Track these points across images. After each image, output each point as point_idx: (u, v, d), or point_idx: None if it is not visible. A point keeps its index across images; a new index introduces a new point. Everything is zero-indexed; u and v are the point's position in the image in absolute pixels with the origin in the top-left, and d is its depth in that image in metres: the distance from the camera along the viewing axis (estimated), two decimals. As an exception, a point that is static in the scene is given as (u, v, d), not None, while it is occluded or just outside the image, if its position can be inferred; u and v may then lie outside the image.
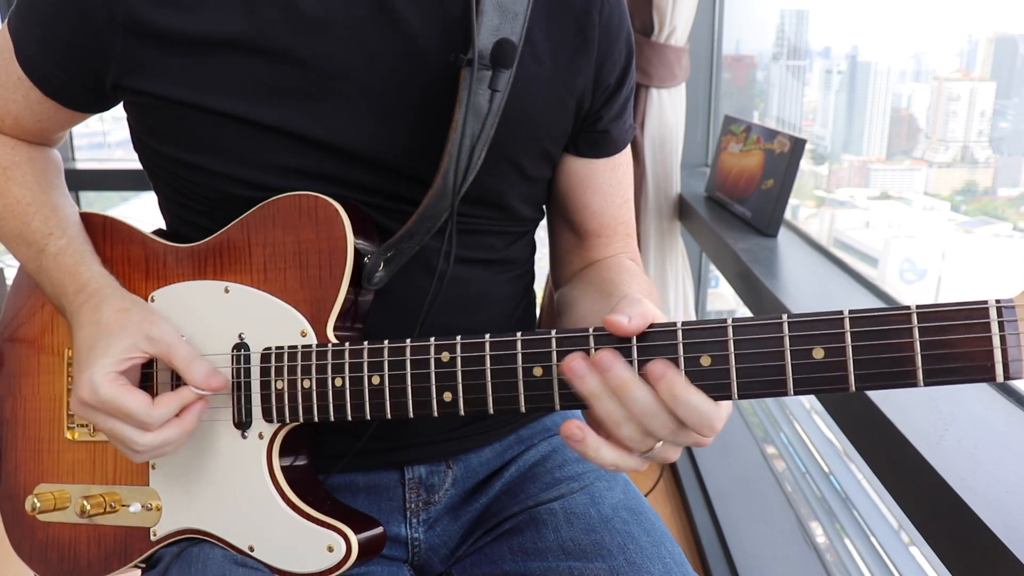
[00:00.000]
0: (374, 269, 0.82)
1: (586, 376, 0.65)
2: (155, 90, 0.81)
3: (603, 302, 0.89)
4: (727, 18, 2.34)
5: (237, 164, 0.83)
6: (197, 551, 0.84)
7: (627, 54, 0.94)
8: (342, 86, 0.81)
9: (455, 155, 0.80)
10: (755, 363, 0.62)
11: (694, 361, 0.63)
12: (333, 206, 0.81)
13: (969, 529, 0.72)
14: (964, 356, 0.57)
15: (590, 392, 0.65)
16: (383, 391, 0.75)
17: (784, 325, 0.61)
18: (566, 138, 0.94)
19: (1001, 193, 1.86)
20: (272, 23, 0.80)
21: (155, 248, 0.89)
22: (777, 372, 0.61)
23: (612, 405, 0.65)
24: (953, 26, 1.88)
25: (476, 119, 0.80)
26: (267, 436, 0.82)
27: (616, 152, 1.00)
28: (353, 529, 0.80)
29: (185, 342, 0.82)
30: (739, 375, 0.62)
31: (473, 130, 0.80)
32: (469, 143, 0.80)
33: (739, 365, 0.62)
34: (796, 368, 0.61)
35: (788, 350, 0.61)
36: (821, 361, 0.60)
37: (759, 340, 0.62)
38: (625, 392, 0.64)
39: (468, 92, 0.79)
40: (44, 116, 0.91)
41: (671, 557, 0.87)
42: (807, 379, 0.61)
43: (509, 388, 0.70)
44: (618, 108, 0.96)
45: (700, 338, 0.63)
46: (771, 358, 0.62)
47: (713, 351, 0.63)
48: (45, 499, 0.90)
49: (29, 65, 0.86)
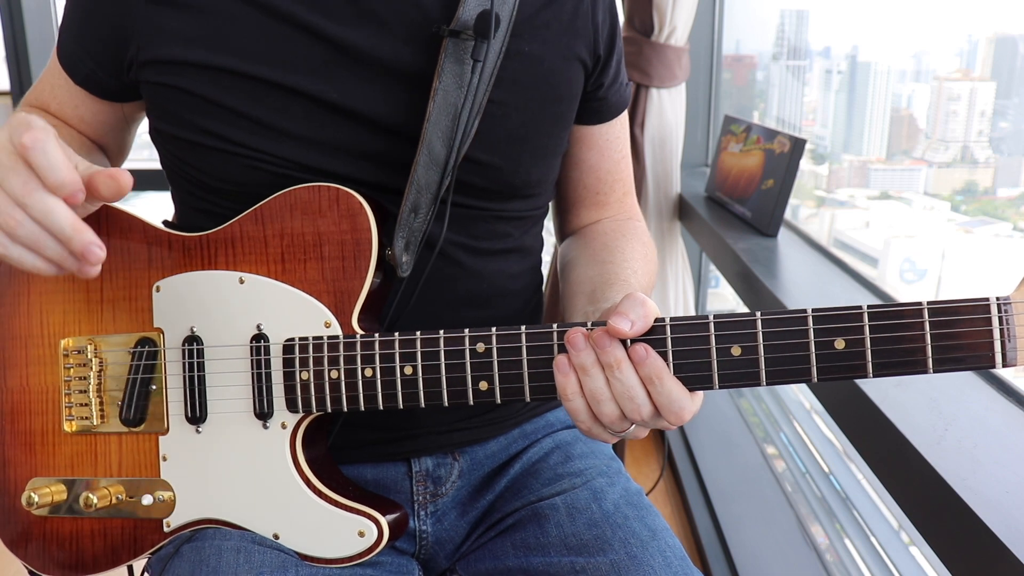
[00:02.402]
0: (400, 255, 0.84)
1: (583, 350, 0.70)
2: (172, 55, 0.84)
3: (598, 267, 0.94)
4: (727, 18, 2.34)
5: (249, 130, 0.84)
6: (212, 532, 0.85)
7: (611, 21, 0.98)
8: (355, 54, 0.84)
9: (437, 123, 0.83)
10: (782, 352, 0.69)
11: (725, 351, 0.70)
12: (356, 198, 0.82)
13: (969, 529, 0.73)
14: (968, 347, 0.65)
15: (582, 365, 0.70)
16: (416, 381, 0.78)
17: (809, 318, 0.68)
18: (577, 102, 0.97)
19: (1001, 193, 1.86)
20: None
21: (158, 236, 0.89)
22: (802, 361, 0.69)
23: (600, 382, 0.70)
24: (953, 26, 1.88)
25: (459, 88, 0.83)
26: (290, 426, 0.83)
27: (615, 116, 1.03)
28: (380, 513, 0.82)
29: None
30: (767, 364, 0.69)
31: (455, 99, 0.83)
32: (451, 112, 0.83)
33: (767, 355, 0.69)
34: (820, 357, 0.68)
35: (812, 341, 0.68)
36: (843, 351, 0.68)
37: (786, 332, 0.69)
38: (616, 370, 0.69)
39: (444, 62, 0.83)
40: (79, 101, 0.95)
41: (671, 551, 0.88)
42: (830, 367, 0.68)
43: (546, 377, 0.75)
44: (612, 73, 0.99)
45: (731, 330, 0.70)
46: (797, 348, 0.69)
47: (743, 342, 0.70)
48: (42, 493, 0.89)
49: (63, 54, 0.92)
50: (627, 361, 0.70)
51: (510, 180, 0.92)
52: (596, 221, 1.07)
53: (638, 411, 0.70)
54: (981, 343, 0.65)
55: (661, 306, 2.15)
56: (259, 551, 0.83)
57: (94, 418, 0.90)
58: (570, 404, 0.72)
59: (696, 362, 0.70)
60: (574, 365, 0.71)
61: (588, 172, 1.05)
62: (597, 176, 1.05)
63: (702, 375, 0.70)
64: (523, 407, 1.03)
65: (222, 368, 0.85)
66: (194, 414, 0.86)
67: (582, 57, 0.94)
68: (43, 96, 0.98)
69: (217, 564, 0.81)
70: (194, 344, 0.86)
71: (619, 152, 1.06)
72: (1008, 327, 0.64)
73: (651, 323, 0.70)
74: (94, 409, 0.89)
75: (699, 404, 0.72)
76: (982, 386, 0.96)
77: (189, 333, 0.86)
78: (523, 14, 0.89)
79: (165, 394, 0.87)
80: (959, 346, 0.65)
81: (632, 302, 0.71)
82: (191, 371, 0.86)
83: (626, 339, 0.70)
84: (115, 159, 1.05)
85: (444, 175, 0.84)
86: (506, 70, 0.88)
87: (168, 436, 0.87)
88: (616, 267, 0.93)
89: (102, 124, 0.98)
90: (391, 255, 0.84)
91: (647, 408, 0.70)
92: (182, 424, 0.87)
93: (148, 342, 0.88)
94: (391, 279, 0.87)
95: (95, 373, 0.89)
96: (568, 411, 0.73)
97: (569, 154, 1.03)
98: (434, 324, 0.80)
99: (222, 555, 0.82)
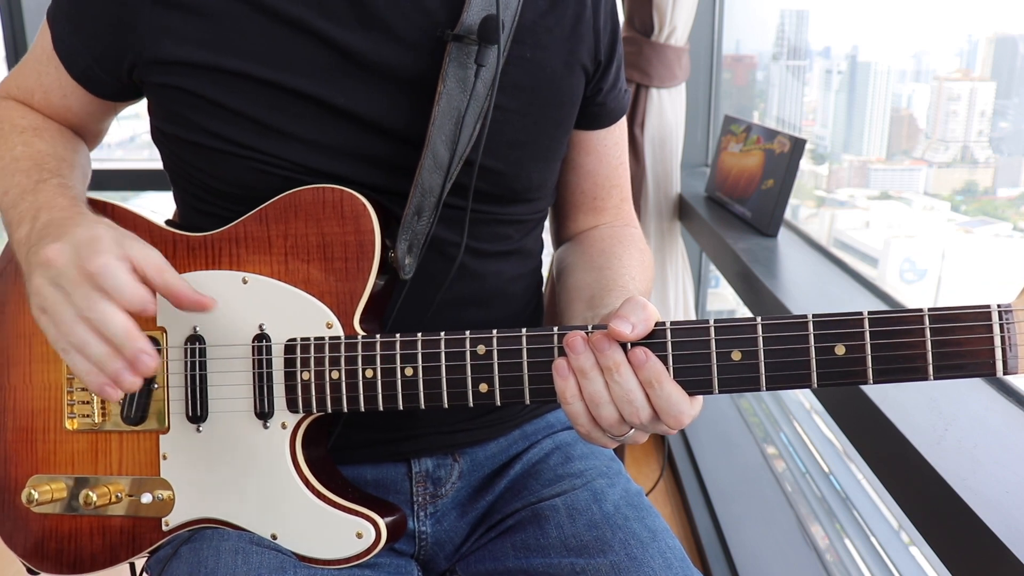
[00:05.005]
0: (403, 257, 0.84)
1: (582, 353, 0.70)
2: (178, 56, 0.84)
3: (596, 273, 0.94)
4: (727, 18, 2.34)
5: (253, 132, 0.84)
6: (211, 533, 0.86)
7: (612, 27, 0.98)
8: (360, 59, 0.84)
9: (441, 127, 0.83)
10: (782, 358, 0.69)
11: (726, 356, 0.69)
12: (360, 200, 0.83)
13: (969, 529, 0.73)
14: (969, 354, 0.65)
15: (581, 368, 0.70)
16: (416, 382, 0.78)
17: (809, 324, 0.68)
18: (577, 107, 0.97)
19: (1001, 193, 1.86)
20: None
21: (164, 236, 0.89)
22: (802, 367, 0.68)
23: (599, 385, 0.70)
24: (953, 26, 1.88)
25: (463, 92, 0.83)
26: (290, 426, 0.83)
27: (614, 121, 1.04)
28: (379, 515, 0.83)
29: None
30: (767, 369, 0.69)
31: (459, 103, 0.83)
32: (455, 116, 0.83)
33: (768, 360, 0.69)
34: (820, 363, 0.68)
35: (812, 346, 0.68)
36: (843, 357, 0.67)
37: (786, 337, 0.68)
38: (615, 373, 0.69)
39: (448, 66, 0.83)
40: (69, 91, 0.94)
41: (671, 552, 0.88)
42: (830, 373, 0.68)
43: (546, 380, 0.74)
44: (612, 79, 0.99)
45: (731, 334, 0.70)
46: (797, 354, 0.68)
47: (744, 347, 0.69)
48: (43, 491, 0.89)
49: (60, 44, 0.90)
50: (626, 364, 0.69)
51: (511, 184, 0.92)
52: (593, 227, 1.07)
53: (637, 415, 0.70)
54: (982, 351, 0.65)
55: (661, 306, 2.15)
56: (257, 552, 0.83)
57: (95, 416, 0.90)
58: (569, 407, 0.72)
59: (696, 366, 0.70)
60: (573, 368, 0.71)
61: (586, 177, 1.05)
62: (595, 181, 1.05)
63: (702, 379, 0.70)
64: (523, 408, 1.03)
65: (224, 367, 0.85)
66: (195, 413, 0.86)
67: (583, 63, 0.94)
68: (27, 83, 0.96)
69: (215, 565, 0.81)
70: (196, 343, 0.86)
71: (617, 158, 1.06)
72: (1009, 335, 0.64)
73: (652, 327, 0.70)
74: (95, 407, 0.90)
75: (698, 408, 0.72)
76: (982, 387, 0.96)
77: (192, 332, 0.86)
78: (525, 19, 0.89)
79: (166, 393, 0.87)
80: (960, 353, 0.65)
81: (633, 306, 0.71)
82: (193, 370, 0.86)
83: (626, 343, 0.70)
84: (91, 143, 1.04)
85: (447, 178, 0.84)
86: (508, 75, 0.88)
87: (168, 435, 0.87)
88: (614, 273, 0.93)
89: (88, 115, 0.98)
90: (394, 257, 0.84)
91: (646, 412, 0.70)
92: (183, 423, 0.87)
93: (151, 341, 0.88)
94: (394, 281, 0.87)
95: (97, 372, 0.89)
96: (567, 414, 0.73)
97: (567, 159, 1.03)
98: (435, 326, 0.80)
99: (220, 556, 0.82)
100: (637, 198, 2.07)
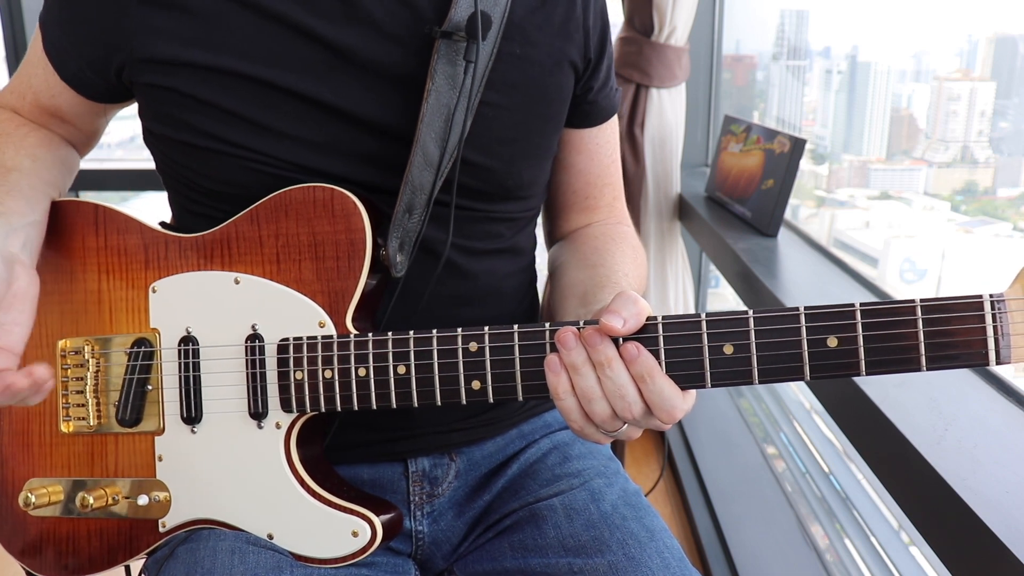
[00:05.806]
0: (395, 255, 0.84)
1: (573, 348, 0.70)
2: (166, 55, 0.83)
3: (589, 271, 0.94)
4: (727, 18, 2.34)
5: (243, 131, 0.84)
6: (207, 534, 0.86)
7: (602, 25, 0.98)
8: (349, 55, 0.84)
9: (431, 124, 0.83)
10: (774, 350, 0.68)
11: (718, 349, 0.69)
12: (350, 198, 0.82)
13: (969, 529, 0.72)
14: (961, 344, 0.65)
15: (572, 364, 0.70)
16: (409, 380, 0.78)
17: (801, 316, 0.68)
18: (567, 104, 0.97)
19: (1001, 193, 1.85)
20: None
21: (155, 237, 0.89)
22: (795, 359, 0.68)
23: (591, 380, 0.70)
24: (953, 26, 1.88)
25: (452, 89, 0.83)
26: (284, 426, 0.83)
27: (605, 120, 1.03)
28: (374, 513, 0.82)
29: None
30: (759, 362, 0.69)
31: (448, 100, 0.83)
32: (445, 113, 0.83)
33: (760, 353, 0.69)
34: (812, 355, 0.68)
35: (805, 339, 0.68)
36: (835, 349, 0.67)
37: (778, 330, 0.68)
38: (607, 368, 0.69)
39: (436, 63, 0.83)
40: (58, 93, 0.94)
41: (669, 551, 0.88)
42: (822, 365, 0.67)
43: (538, 376, 0.74)
44: (603, 77, 0.99)
45: (723, 328, 0.69)
46: (789, 346, 0.68)
47: (735, 340, 0.69)
48: (40, 494, 0.89)
49: (51, 46, 0.90)
50: (618, 359, 0.69)
51: (503, 181, 0.92)
52: (586, 225, 1.07)
53: (629, 409, 0.70)
54: (974, 340, 0.65)
55: (661, 306, 2.15)
56: (253, 552, 0.82)
57: (91, 419, 0.90)
58: (562, 403, 0.72)
59: (688, 360, 0.70)
60: (565, 364, 0.71)
61: (577, 176, 1.04)
62: (587, 180, 1.05)
63: (694, 373, 0.70)
64: (520, 407, 1.03)
65: (217, 368, 0.85)
66: (189, 414, 0.86)
67: (573, 60, 0.94)
68: (20, 87, 0.96)
69: (212, 565, 0.81)
70: (190, 344, 0.86)
71: (609, 156, 1.06)
72: (1001, 324, 0.64)
73: (643, 321, 0.70)
74: (91, 410, 0.89)
75: (691, 403, 0.72)
76: (982, 386, 0.96)
77: (185, 333, 0.86)
78: (515, 16, 0.89)
79: (161, 394, 0.87)
80: (952, 343, 0.65)
81: (624, 300, 0.70)
82: (187, 371, 0.86)
83: (618, 337, 0.70)
84: (83, 149, 1.04)
85: (438, 176, 0.84)
86: (497, 72, 0.88)
87: (164, 436, 0.87)
88: (607, 270, 0.93)
89: (77, 117, 0.98)
90: (385, 255, 0.84)
91: (638, 406, 0.70)
92: (178, 424, 0.86)
93: (144, 343, 0.88)
94: (386, 280, 0.86)
95: (92, 374, 0.89)
96: (560, 410, 0.73)
97: (559, 158, 1.02)
98: (428, 324, 0.80)
99: (216, 556, 0.82)
100: (637, 198, 2.07)
